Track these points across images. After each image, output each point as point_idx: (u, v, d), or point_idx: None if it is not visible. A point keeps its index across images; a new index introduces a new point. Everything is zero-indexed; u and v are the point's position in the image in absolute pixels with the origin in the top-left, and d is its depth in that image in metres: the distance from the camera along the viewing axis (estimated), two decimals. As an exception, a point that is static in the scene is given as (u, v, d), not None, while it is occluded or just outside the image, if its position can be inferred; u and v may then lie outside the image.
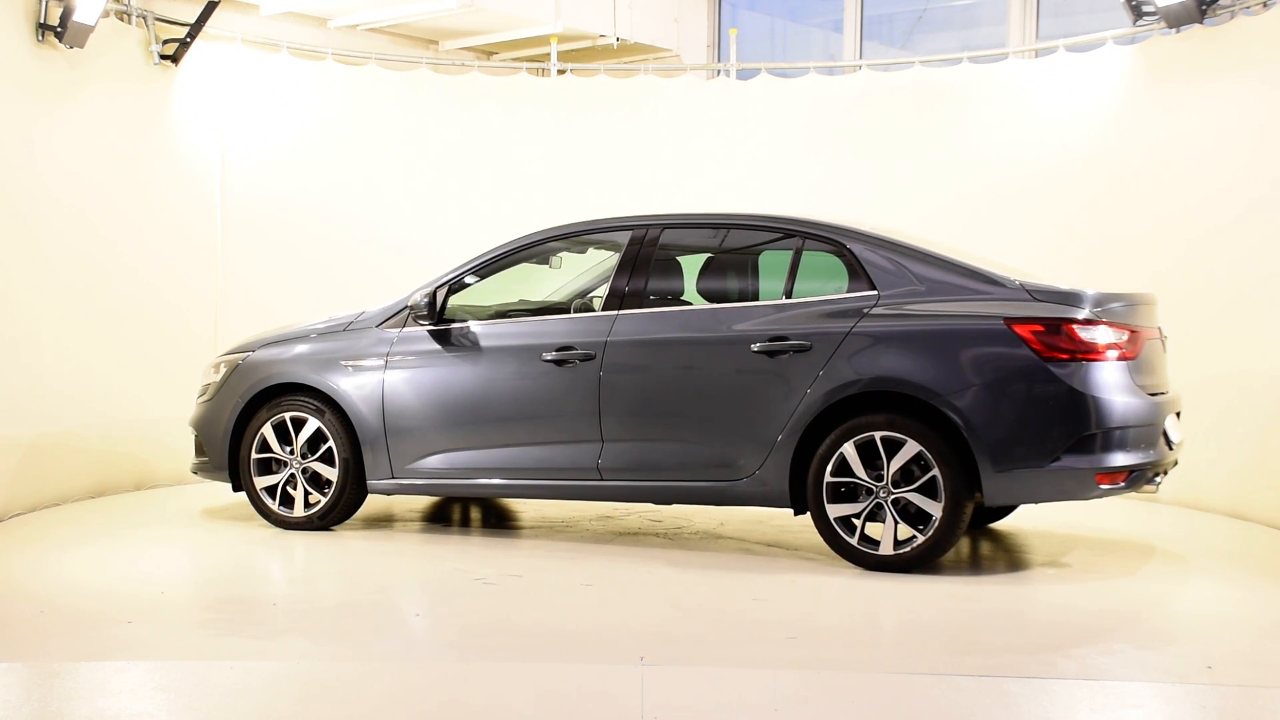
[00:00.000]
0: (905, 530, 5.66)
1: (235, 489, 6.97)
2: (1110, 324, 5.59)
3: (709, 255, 6.54)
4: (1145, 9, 8.10)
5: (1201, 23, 7.73)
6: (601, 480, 6.24)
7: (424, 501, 7.81)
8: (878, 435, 5.67)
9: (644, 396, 6.15)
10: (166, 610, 5.08)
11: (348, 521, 6.97)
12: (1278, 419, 7.03)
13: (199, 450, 7.11)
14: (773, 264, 6.33)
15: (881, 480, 5.68)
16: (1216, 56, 7.68)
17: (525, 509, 7.57)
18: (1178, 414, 6.10)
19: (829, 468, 5.75)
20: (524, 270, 7.00)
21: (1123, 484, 5.57)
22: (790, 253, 6.12)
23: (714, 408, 6.00)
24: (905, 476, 5.66)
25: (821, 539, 5.89)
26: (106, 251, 7.91)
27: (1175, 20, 7.78)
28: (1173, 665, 4.37)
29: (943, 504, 5.58)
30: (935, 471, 5.57)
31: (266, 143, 9.04)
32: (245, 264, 8.85)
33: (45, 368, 7.37)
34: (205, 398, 7.09)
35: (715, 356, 6.03)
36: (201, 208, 8.68)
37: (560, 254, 7.04)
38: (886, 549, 5.68)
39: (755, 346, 5.92)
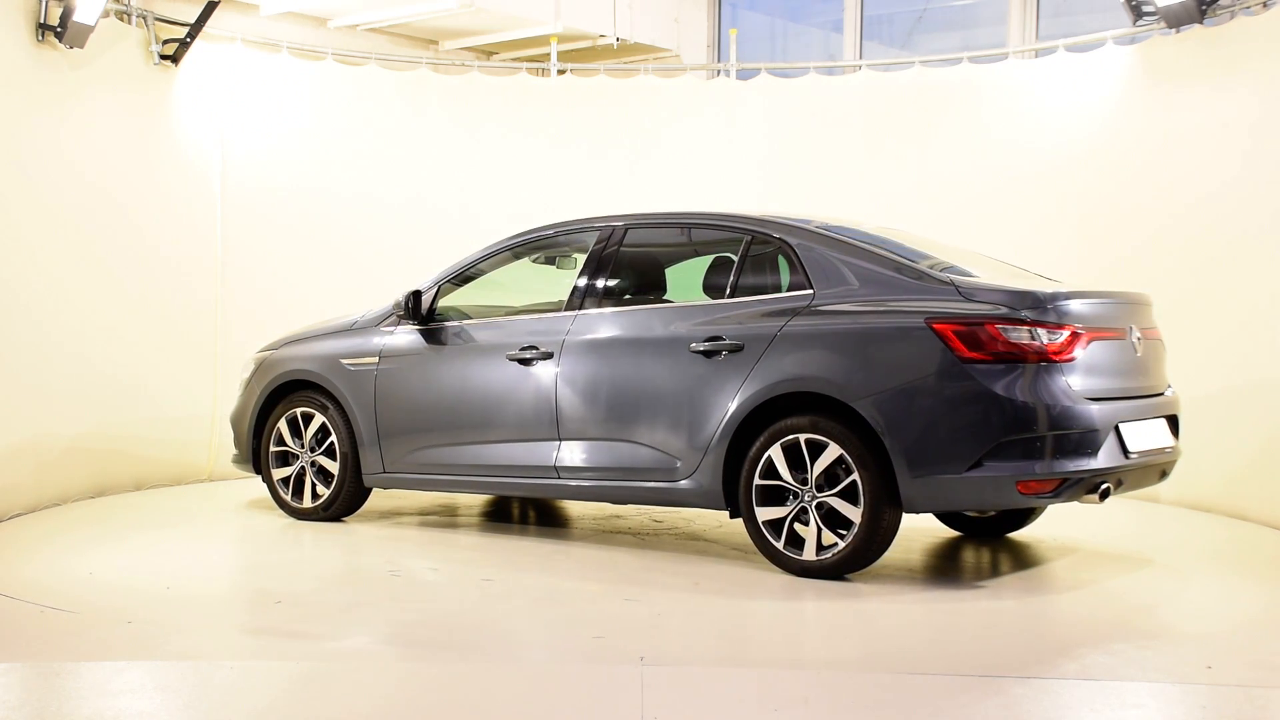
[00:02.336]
0: (831, 536, 5.48)
1: (264, 480, 7.31)
2: (1041, 324, 5.28)
3: (663, 255, 6.57)
4: (1145, 9, 8.10)
5: (1201, 23, 7.73)
6: (559, 479, 6.28)
7: (484, 499, 7.87)
8: (802, 438, 5.51)
9: (595, 396, 6.15)
10: (166, 610, 5.07)
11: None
12: (1278, 419, 7.03)
13: (235, 443, 7.42)
14: (721, 263, 6.26)
15: (808, 484, 5.52)
16: (1216, 56, 7.68)
17: (572, 507, 7.62)
18: (1170, 419, 5.90)
19: (758, 470, 5.63)
20: (544, 271, 7.06)
21: (1050, 493, 5.27)
22: (737, 252, 6.06)
23: (656, 408, 5.96)
24: (831, 480, 5.48)
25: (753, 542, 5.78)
26: (107, 251, 7.91)
27: (1175, 20, 7.78)
28: (1173, 665, 4.37)
29: (862, 509, 5.38)
30: (855, 475, 5.39)
31: (267, 143, 9.03)
32: (246, 263, 8.85)
33: (46, 368, 7.36)
34: (239, 392, 7.42)
35: (658, 356, 5.98)
36: (202, 208, 8.68)
37: (571, 255, 7.08)
38: (809, 554, 5.51)
39: (693, 346, 5.86)
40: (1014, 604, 5.26)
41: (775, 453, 5.58)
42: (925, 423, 5.29)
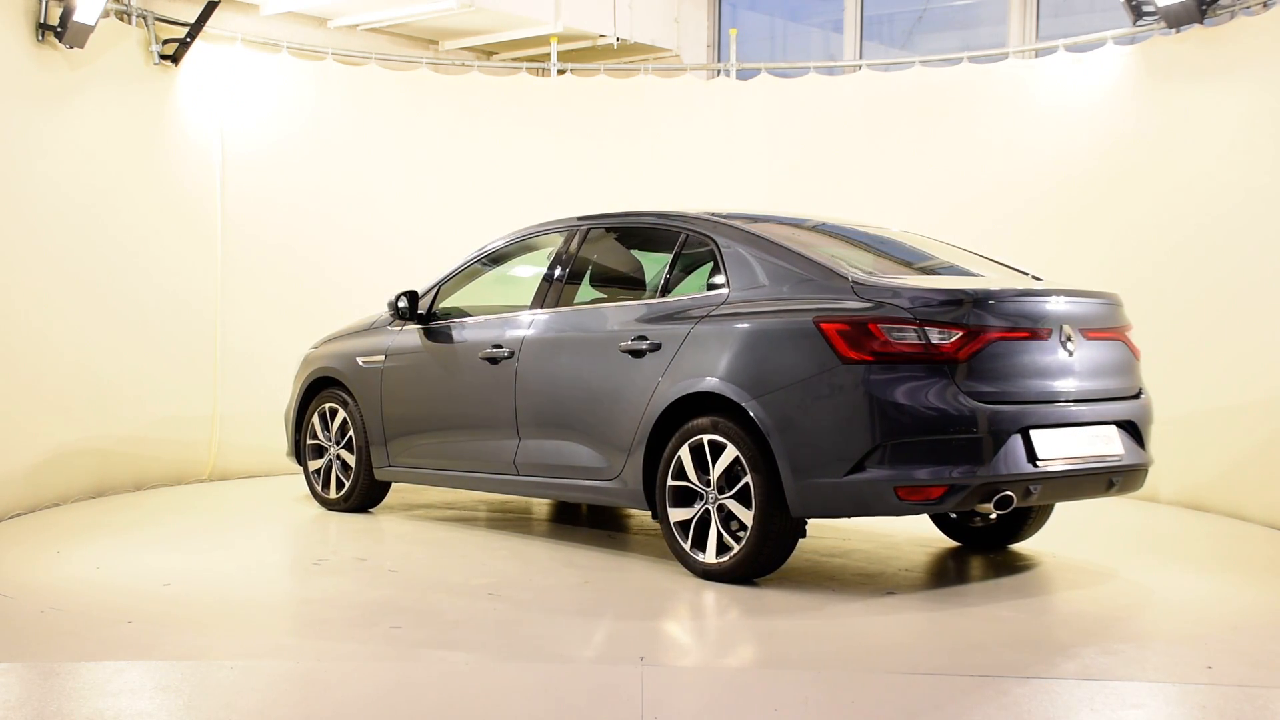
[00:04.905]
0: (731, 540, 5.38)
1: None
2: (930, 323, 5.05)
3: (613, 255, 6.60)
4: (1145, 9, 8.10)
5: (1201, 23, 7.73)
6: (518, 475, 6.34)
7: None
8: (705, 439, 5.42)
9: (545, 394, 6.19)
10: (166, 610, 5.07)
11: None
12: (1277, 419, 7.03)
13: (286, 436, 7.79)
14: (657, 262, 6.24)
15: (711, 486, 5.43)
16: (1216, 56, 7.68)
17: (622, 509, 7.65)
18: (1127, 425, 5.54)
19: (670, 471, 5.56)
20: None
21: (934, 501, 5.04)
22: (672, 250, 6.03)
23: (592, 407, 5.95)
24: (732, 483, 5.36)
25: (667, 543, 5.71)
26: (106, 252, 7.91)
27: (1175, 20, 7.78)
28: (1173, 665, 4.37)
29: (754, 512, 5.26)
30: (747, 478, 5.28)
31: (266, 142, 9.03)
32: (246, 263, 8.85)
33: (45, 368, 7.36)
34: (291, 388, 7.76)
35: (594, 356, 5.98)
36: (202, 207, 8.68)
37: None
38: (710, 556, 5.43)
39: (621, 346, 5.84)
40: (1014, 605, 5.26)
41: (684, 453, 5.52)
42: (808, 425, 5.12)
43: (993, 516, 6.21)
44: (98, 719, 3.72)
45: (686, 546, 5.53)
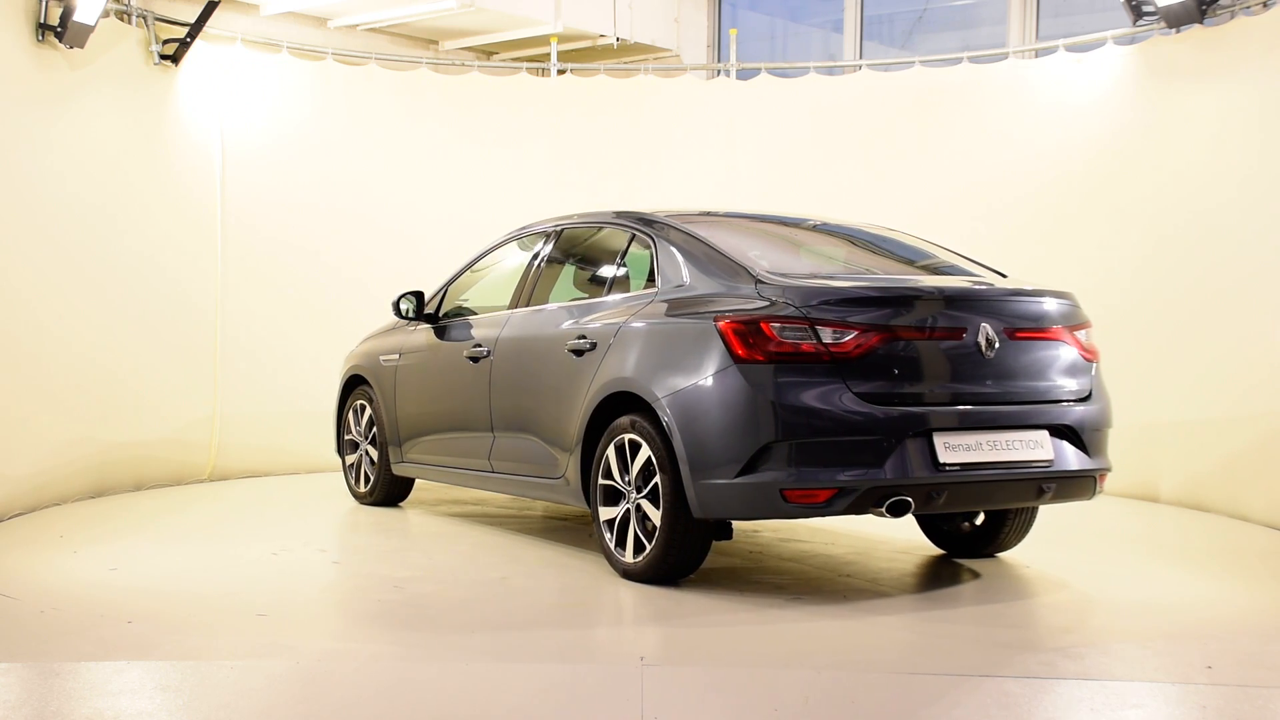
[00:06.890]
0: (645, 540, 5.36)
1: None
2: (823, 322, 4.93)
3: (576, 255, 6.63)
4: (1145, 9, 8.10)
5: (1201, 23, 7.74)
6: (493, 472, 6.43)
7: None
8: (626, 438, 5.41)
9: (512, 394, 6.27)
10: (166, 610, 5.07)
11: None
12: (1277, 419, 7.03)
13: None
14: (607, 262, 6.26)
15: (631, 485, 5.41)
16: (1216, 56, 7.68)
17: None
18: (1061, 430, 5.26)
19: (600, 470, 5.56)
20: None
21: (822, 504, 4.90)
22: (620, 250, 6.05)
23: (545, 405, 5.99)
24: (648, 482, 5.32)
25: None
26: (107, 252, 7.91)
27: (1175, 20, 7.79)
28: (1173, 665, 4.37)
29: (661, 512, 5.20)
30: (657, 478, 5.23)
31: (267, 142, 9.04)
32: (246, 263, 8.86)
33: (46, 368, 7.36)
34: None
35: (546, 355, 6.02)
36: (202, 207, 8.68)
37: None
38: (629, 556, 5.41)
39: (567, 345, 5.86)
40: (1013, 605, 5.25)
41: (610, 452, 5.51)
42: (705, 425, 5.05)
43: (979, 520, 6.13)
44: (98, 719, 3.72)
45: (611, 545, 5.54)
